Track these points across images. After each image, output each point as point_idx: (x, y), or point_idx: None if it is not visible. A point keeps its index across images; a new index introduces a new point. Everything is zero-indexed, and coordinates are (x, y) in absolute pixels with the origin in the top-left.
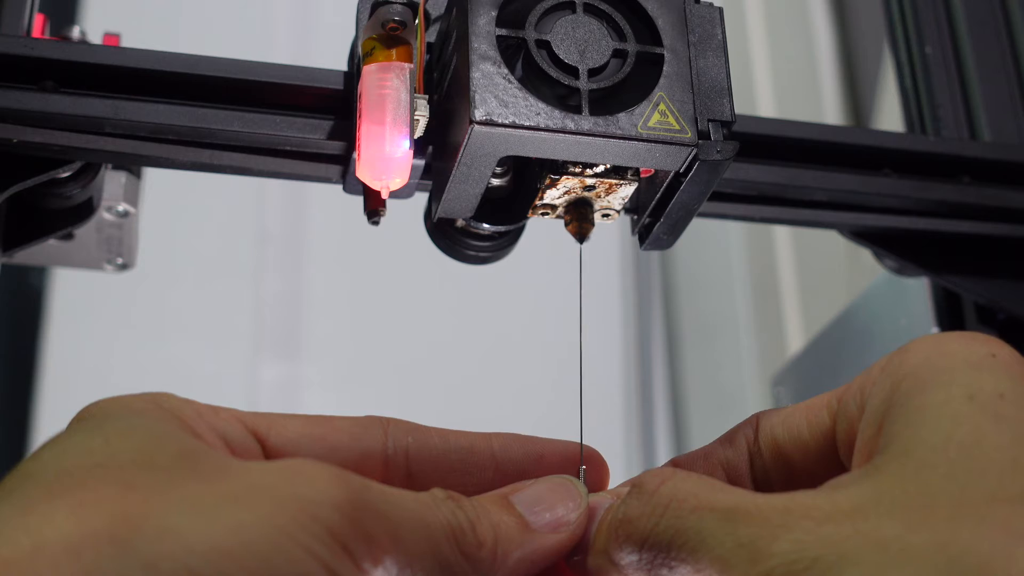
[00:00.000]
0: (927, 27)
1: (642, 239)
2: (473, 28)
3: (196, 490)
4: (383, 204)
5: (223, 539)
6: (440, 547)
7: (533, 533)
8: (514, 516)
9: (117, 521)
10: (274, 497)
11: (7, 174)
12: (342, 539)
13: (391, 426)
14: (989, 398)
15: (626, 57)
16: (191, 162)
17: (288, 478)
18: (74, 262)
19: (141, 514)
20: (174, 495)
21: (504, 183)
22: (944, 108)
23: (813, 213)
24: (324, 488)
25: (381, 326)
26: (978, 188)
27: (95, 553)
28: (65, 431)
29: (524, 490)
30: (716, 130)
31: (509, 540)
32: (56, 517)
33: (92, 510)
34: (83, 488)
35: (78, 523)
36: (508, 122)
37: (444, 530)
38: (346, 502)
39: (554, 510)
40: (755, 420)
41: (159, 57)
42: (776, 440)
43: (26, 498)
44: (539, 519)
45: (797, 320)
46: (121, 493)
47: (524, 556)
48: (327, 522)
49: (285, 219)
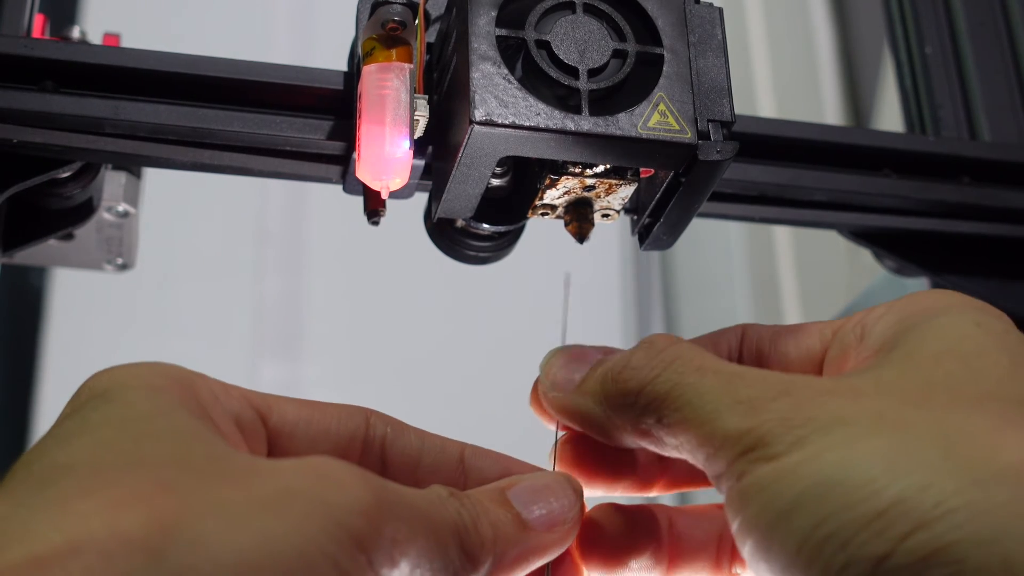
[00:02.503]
0: (927, 27)
1: (642, 239)
2: (473, 28)
3: (228, 495)
4: (383, 204)
5: (251, 550)
6: (446, 546)
7: (529, 531)
8: (511, 513)
9: (151, 527)
10: (304, 503)
11: (7, 174)
12: (364, 545)
13: (372, 416)
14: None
15: (626, 57)
16: (191, 162)
17: (316, 482)
18: (74, 262)
19: (174, 520)
20: (207, 498)
21: (504, 183)
22: (944, 108)
23: (813, 213)
24: (351, 491)
25: (381, 326)
26: (978, 188)
27: (128, 561)
28: (85, 407)
29: (520, 484)
30: (716, 130)
31: (507, 539)
32: (91, 517)
33: (127, 512)
34: (119, 486)
35: (113, 526)
36: (508, 122)
37: (450, 529)
38: (371, 506)
39: (550, 508)
40: (741, 330)
41: (159, 57)
42: (760, 352)
43: (61, 493)
44: (535, 516)
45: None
46: (156, 494)
47: (520, 554)
48: (352, 529)
49: (285, 219)
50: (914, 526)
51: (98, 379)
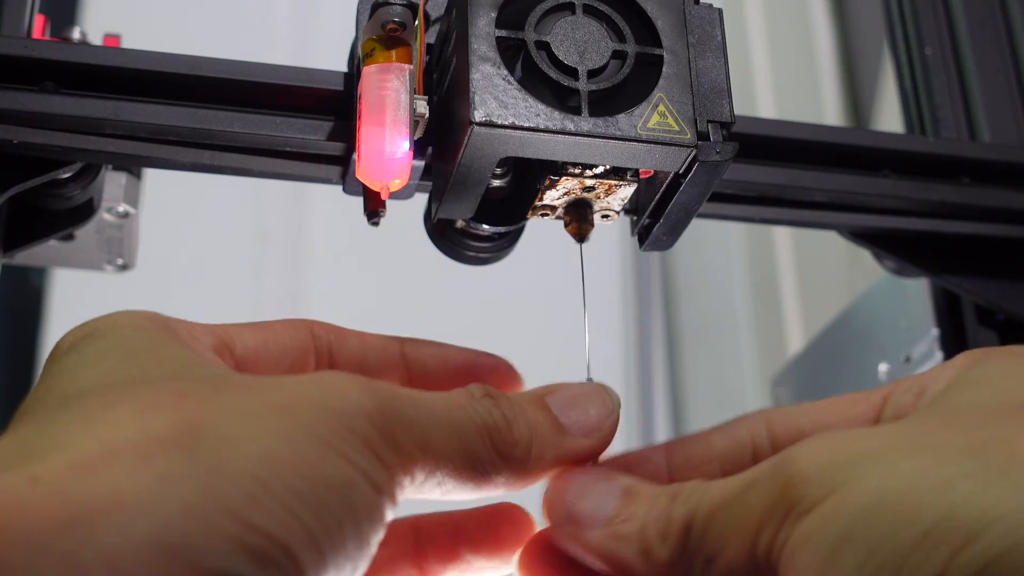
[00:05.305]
0: (927, 28)
1: (642, 240)
2: (473, 29)
3: (243, 399)
4: (383, 205)
5: (275, 447)
6: (472, 445)
7: (566, 435)
8: (550, 417)
9: (179, 427)
10: (312, 409)
11: (7, 175)
12: (375, 448)
13: (315, 327)
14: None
15: (625, 58)
16: (191, 163)
17: (322, 391)
18: (74, 263)
19: (198, 421)
20: (224, 403)
21: (504, 184)
22: (944, 109)
23: (813, 214)
24: (356, 399)
25: (381, 326)
26: (977, 189)
27: (166, 458)
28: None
29: (559, 392)
30: (715, 131)
31: (544, 440)
32: (122, 424)
33: (154, 415)
34: (139, 397)
35: (144, 428)
36: (508, 123)
37: (477, 428)
38: (377, 413)
39: (587, 414)
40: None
41: (159, 58)
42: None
43: (85, 409)
44: (573, 421)
45: (797, 320)
46: (176, 400)
47: (556, 457)
48: (361, 433)
49: (285, 219)
50: (964, 540)
51: (79, 328)
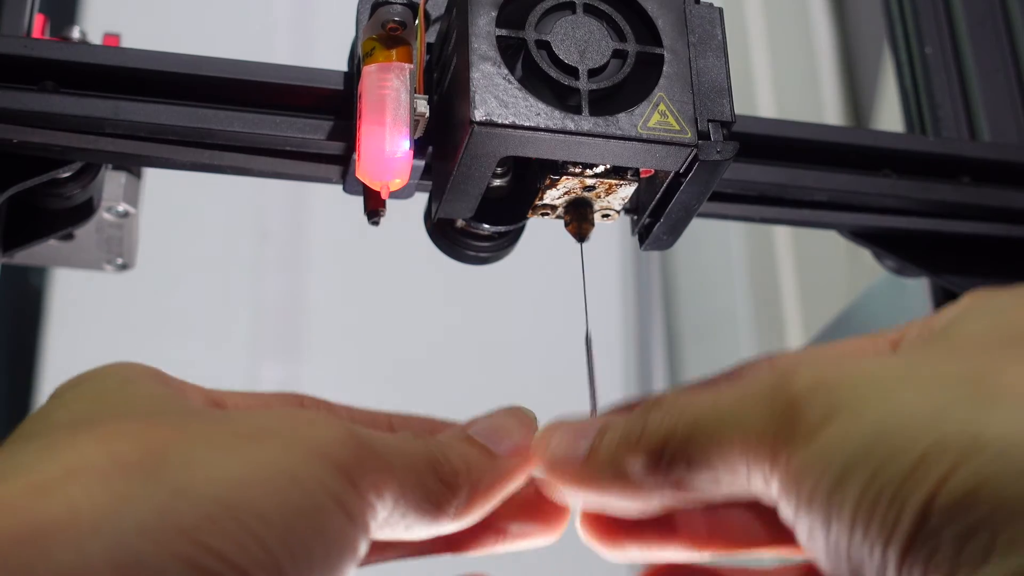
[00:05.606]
0: (927, 27)
1: (642, 239)
2: (473, 28)
3: (212, 430)
4: (383, 204)
5: (244, 472)
6: (423, 476)
7: (498, 459)
8: (477, 446)
9: (144, 451)
10: (283, 438)
11: (7, 174)
12: (349, 473)
13: (304, 400)
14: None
15: (626, 57)
16: (191, 162)
17: (293, 421)
18: (74, 262)
19: (165, 447)
20: (193, 432)
21: (504, 183)
22: (944, 108)
23: (813, 213)
24: (327, 429)
25: (381, 326)
26: (978, 188)
27: (125, 479)
28: (59, 393)
29: (477, 424)
30: (716, 130)
31: (479, 467)
32: (85, 448)
33: (119, 441)
34: (106, 427)
35: (107, 452)
36: (508, 122)
37: (425, 460)
38: (348, 439)
39: (512, 436)
40: (770, 364)
41: (159, 57)
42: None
43: (50, 437)
44: (500, 446)
45: (797, 320)
46: (144, 428)
47: (494, 480)
48: (336, 458)
49: (285, 219)
50: (952, 465)
51: (70, 379)
